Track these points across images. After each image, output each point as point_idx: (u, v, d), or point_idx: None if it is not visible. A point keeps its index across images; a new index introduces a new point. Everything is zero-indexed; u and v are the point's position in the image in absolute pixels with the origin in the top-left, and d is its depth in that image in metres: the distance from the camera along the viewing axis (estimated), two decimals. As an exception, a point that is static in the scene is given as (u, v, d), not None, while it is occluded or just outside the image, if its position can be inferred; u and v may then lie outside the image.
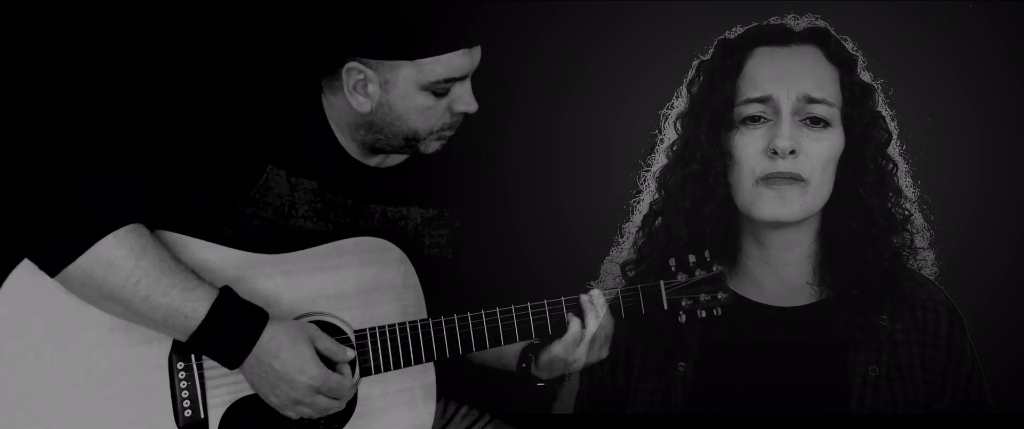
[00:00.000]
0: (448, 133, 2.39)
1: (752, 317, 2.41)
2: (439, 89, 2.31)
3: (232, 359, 2.20)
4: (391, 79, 2.29)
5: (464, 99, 2.34)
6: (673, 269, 2.36)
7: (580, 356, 2.34)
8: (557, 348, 2.34)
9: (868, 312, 2.33)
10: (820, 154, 2.32)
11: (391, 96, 2.30)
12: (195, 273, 2.19)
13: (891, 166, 2.41)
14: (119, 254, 2.13)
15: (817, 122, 2.32)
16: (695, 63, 2.47)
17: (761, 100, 2.32)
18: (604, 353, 2.37)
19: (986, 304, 2.79)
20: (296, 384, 2.19)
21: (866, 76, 2.42)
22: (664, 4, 3.09)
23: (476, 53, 2.34)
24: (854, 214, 2.36)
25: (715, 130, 2.36)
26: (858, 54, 2.42)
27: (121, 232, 2.13)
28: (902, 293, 2.35)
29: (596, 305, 2.33)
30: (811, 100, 2.31)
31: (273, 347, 2.19)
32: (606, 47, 3.17)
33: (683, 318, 2.35)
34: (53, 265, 2.12)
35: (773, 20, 2.44)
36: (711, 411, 2.36)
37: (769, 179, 2.31)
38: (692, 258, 2.35)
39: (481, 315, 2.32)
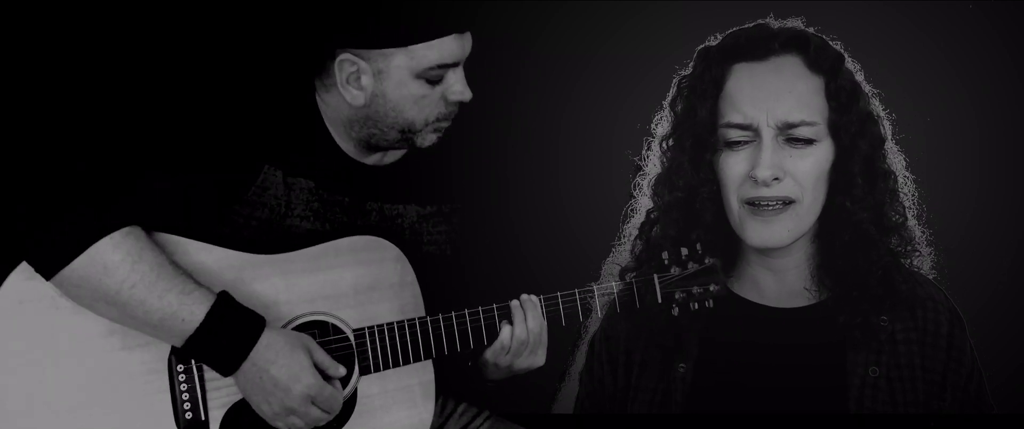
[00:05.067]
0: (444, 124, 2.38)
1: (752, 318, 2.41)
2: (432, 76, 2.30)
3: (227, 365, 2.18)
4: (384, 68, 2.29)
5: (457, 87, 2.33)
6: (666, 263, 2.36)
7: (509, 362, 2.33)
8: (487, 353, 2.33)
9: (867, 313, 2.32)
10: (807, 172, 2.29)
11: (385, 86, 2.30)
12: (192, 277, 2.17)
13: (883, 171, 2.37)
14: (115, 258, 2.11)
15: (801, 142, 2.29)
16: (676, 79, 2.45)
17: (741, 126, 2.30)
18: (538, 360, 2.36)
19: (986, 304, 2.78)
20: (291, 392, 2.18)
21: (859, 74, 2.38)
22: (664, 4, 3.09)
23: (467, 40, 2.33)
24: (844, 226, 2.33)
25: (699, 155, 2.34)
26: (845, 53, 2.37)
27: (117, 235, 2.11)
28: (900, 295, 2.35)
29: (525, 309, 2.32)
30: (791, 125, 2.27)
31: (270, 354, 2.17)
32: (606, 47, 3.17)
33: (676, 311, 2.35)
34: (48, 268, 2.11)
35: (749, 25, 2.40)
36: (711, 411, 2.36)
37: (755, 204, 2.30)
38: (684, 251, 2.35)
39: (478, 311, 2.32)
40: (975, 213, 3.02)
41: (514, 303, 2.33)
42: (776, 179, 2.27)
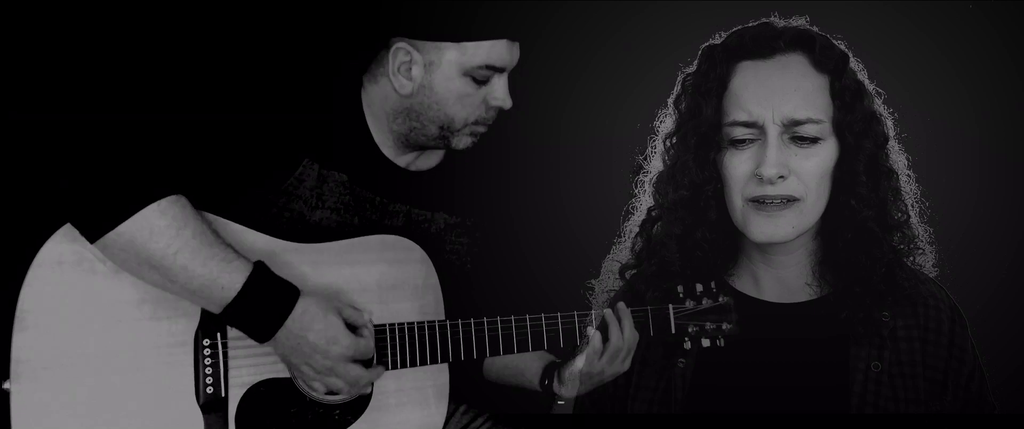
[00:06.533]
0: (481, 129, 2.45)
1: (753, 314, 2.41)
2: (480, 75, 2.37)
3: (264, 332, 2.21)
4: (436, 61, 2.36)
5: (499, 93, 2.40)
6: (681, 296, 2.38)
7: (602, 368, 2.34)
8: (580, 361, 2.35)
9: (870, 308, 2.32)
10: (812, 171, 2.29)
11: (434, 78, 2.37)
12: (232, 247, 2.21)
13: (886, 169, 2.37)
14: (162, 223, 2.14)
15: (806, 140, 2.29)
16: (680, 78, 2.45)
17: (747, 124, 2.29)
18: (625, 367, 2.37)
19: (986, 304, 2.78)
20: (330, 353, 2.22)
21: (862, 74, 2.38)
22: (664, 4, 3.09)
23: (516, 49, 2.40)
24: (848, 223, 2.33)
25: (704, 153, 2.34)
26: (849, 52, 2.37)
27: (164, 202, 2.15)
28: (903, 291, 2.35)
29: (621, 318, 2.34)
30: (797, 122, 2.27)
31: (306, 320, 2.21)
32: (606, 47, 3.17)
33: (688, 345, 2.37)
34: (95, 230, 2.14)
35: (754, 23, 2.40)
36: (712, 409, 2.35)
37: (759, 201, 2.30)
38: (699, 287, 2.38)
39: (497, 321, 2.34)
40: (975, 213, 3.02)
41: (608, 311, 2.34)
42: (781, 177, 2.27)
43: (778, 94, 2.28)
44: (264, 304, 2.20)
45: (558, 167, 3.20)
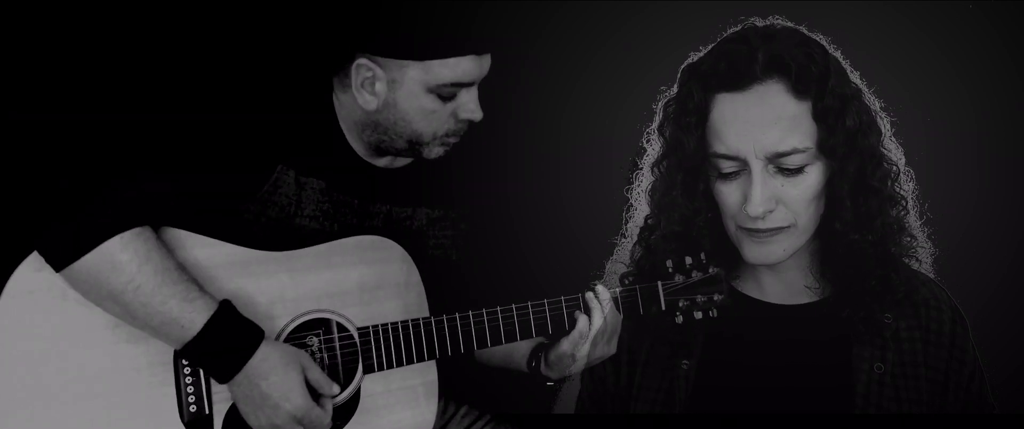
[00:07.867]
0: (452, 140, 2.40)
1: (755, 315, 2.41)
2: (445, 92, 2.31)
3: (223, 374, 2.19)
4: (398, 78, 2.30)
5: (469, 107, 2.35)
6: (670, 271, 2.35)
7: (587, 351, 2.33)
8: (565, 344, 2.33)
9: (871, 307, 2.32)
10: (800, 197, 2.24)
11: (397, 95, 2.31)
12: (197, 283, 2.18)
13: (875, 187, 2.30)
14: (123, 257, 2.13)
15: (792, 170, 2.24)
16: (661, 103, 2.40)
17: (731, 157, 2.24)
18: (611, 349, 2.36)
19: (986, 304, 2.78)
20: (280, 410, 2.18)
21: (847, 65, 2.32)
22: (664, 4, 3.09)
23: (485, 61, 2.34)
24: (838, 241, 2.30)
25: (692, 185, 2.30)
26: (832, 59, 2.28)
27: (128, 235, 2.13)
28: (904, 292, 2.34)
29: (601, 300, 2.32)
30: (780, 155, 2.21)
31: (265, 368, 2.18)
32: (606, 47, 3.17)
33: (680, 319, 2.35)
34: (59, 260, 2.13)
35: (732, 33, 2.34)
36: (715, 410, 2.35)
37: (751, 231, 2.28)
38: (689, 260, 2.35)
39: (482, 313, 2.31)
40: (975, 213, 3.02)
41: (589, 294, 2.32)
42: (769, 211, 2.24)
43: (757, 128, 2.21)
44: (223, 347, 2.17)
45: (558, 167, 3.19)
